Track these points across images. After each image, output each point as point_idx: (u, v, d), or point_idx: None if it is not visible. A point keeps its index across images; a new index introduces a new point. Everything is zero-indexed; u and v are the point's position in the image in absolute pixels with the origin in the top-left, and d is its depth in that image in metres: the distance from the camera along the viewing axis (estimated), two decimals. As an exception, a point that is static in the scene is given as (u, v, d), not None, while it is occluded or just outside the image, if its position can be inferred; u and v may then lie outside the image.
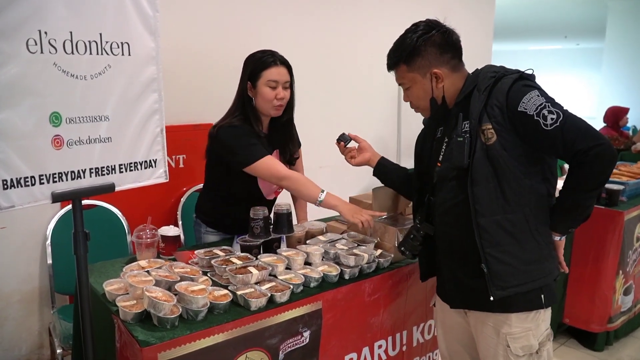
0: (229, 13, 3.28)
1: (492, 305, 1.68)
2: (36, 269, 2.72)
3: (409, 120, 4.55)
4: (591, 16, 10.74)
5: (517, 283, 1.64)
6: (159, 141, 1.82)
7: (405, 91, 1.80)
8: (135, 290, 1.61)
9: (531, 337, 1.71)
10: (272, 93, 2.18)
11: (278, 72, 2.19)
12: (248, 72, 2.22)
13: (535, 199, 1.64)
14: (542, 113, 1.51)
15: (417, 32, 1.70)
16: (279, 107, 2.23)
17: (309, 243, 2.13)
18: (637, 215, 3.32)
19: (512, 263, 1.64)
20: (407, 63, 1.72)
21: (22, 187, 1.45)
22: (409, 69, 1.72)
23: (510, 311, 1.69)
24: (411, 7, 4.39)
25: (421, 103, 1.78)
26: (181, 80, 3.04)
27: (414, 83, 1.74)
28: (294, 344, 1.78)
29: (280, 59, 2.22)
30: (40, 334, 2.78)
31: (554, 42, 16.39)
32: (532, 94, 1.54)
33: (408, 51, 1.70)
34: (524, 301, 1.68)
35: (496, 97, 1.59)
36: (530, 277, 1.66)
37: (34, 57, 1.44)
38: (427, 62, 1.69)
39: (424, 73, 1.71)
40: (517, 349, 1.70)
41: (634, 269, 3.43)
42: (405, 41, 1.72)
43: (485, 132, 1.59)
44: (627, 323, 3.51)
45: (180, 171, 3.10)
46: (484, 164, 1.60)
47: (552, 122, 1.50)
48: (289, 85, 2.25)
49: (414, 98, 1.78)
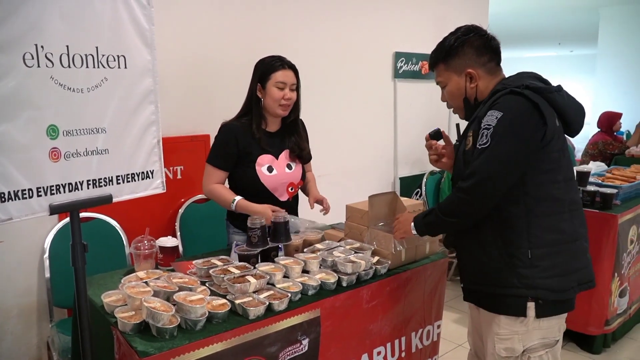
0: (225, 25, 3.31)
1: (487, 304, 1.81)
2: (34, 283, 2.72)
3: (406, 128, 4.58)
4: (584, 23, 10.83)
5: (480, 281, 1.81)
6: (156, 152, 1.84)
7: (442, 90, 1.89)
8: (134, 301, 1.62)
9: (516, 341, 1.76)
10: (280, 93, 2.33)
11: (285, 75, 2.34)
12: (258, 74, 2.38)
13: (501, 216, 1.72)
14: (483, 132, 1.63)
15: (457, 33, 1.81)
16: (285, 107, 2.37)
17: (306, 251, 2.14)
18: (631, 218, 3.35)
19: (478, 261, 1.78)
20: (445, 62, 1.82)
21: (20, 200, 1.46)
22: (446, 68, 1.82)
23: (498, 312, 1.77)
24: (407, 16, 4.44)
25: (455, 102, 1.86)
26: (178, 92, 3.07)
27: (449, 81, 1.83)
28: (293, 352, 1.78)
29: (287, 63, 2.38)
30: (39, 348, 2.77)
31: (548, 49, 16.51)
32: (494, 114, 1.63)
33: (446, 51, 1.80)
34: (509, 305, 1.75)
35: (486, 106, 1.71)
36: (491, 280, 1.76)
37: (31, 70, 1.46)
38: (464, 62, 1.78)
39: (460, 72, 1.80)
40: (501, 350, 1.78)
41: (629, 271, 3.45)
42: (445, 42, 1.83)
43: (467, 138, 1.74)
44: (623, 325, 3.53)
45: (178, 182, 3.12)
46: (461, 168, 1.74)
47: (480, 144, 1.63)
48: (296, 87, 2.40)
49: (449, 96, 1.87)
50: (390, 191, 2.49)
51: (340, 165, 4.07)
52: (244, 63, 2.37)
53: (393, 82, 4.48)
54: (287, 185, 2.44)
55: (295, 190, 2.51)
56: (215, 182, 2.37)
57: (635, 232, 3.42)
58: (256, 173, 2.36)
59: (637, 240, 3.47)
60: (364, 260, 2.00)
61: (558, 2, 8.95)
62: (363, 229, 2.24)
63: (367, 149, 4.41)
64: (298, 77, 2.41)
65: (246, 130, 2.36)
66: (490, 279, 1.76)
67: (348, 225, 2.32)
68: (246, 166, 2.37)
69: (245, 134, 2.36)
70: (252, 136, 2.36)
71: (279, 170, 2.41)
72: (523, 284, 1.70)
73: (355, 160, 4.29)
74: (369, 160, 4.43)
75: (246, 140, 2.35)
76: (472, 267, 1.84)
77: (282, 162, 2.43)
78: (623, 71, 9.09)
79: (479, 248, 1.77)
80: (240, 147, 2.34)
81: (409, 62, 4.53)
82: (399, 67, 4.46)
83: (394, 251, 2.10)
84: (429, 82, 4.75)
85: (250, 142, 2.36)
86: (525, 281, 1.70)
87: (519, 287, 1.71)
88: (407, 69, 4.53)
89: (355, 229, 2.28)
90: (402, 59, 4.46)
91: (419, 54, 4.57)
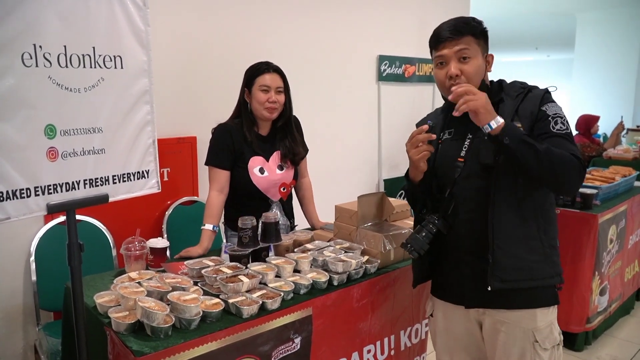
0: (212, 28, 3.32)
1: (517, 302, 1.75)
2: (19, 286, 2.69)
3: (389, 130, 4.63)
4: (561, 28, 11.05)
5: (517, 278, 1.71)
6: (151, 152, 1.85)
7: (461, 62, 1.73)
8: (128, 301, 1.62)
9: (554, 330, 1.80)
10: (264, 96, 2.37)
11: (270, 78, 2.38)
12: (245, 79, 2.44)
13: (547, 202, 1.77)
14: (556, 119, 1.70)
15: (474, 20, 1.78)
16: (271, 110, 2.39)
17: (296, 251, 2.16)
18: (610, 218, 3.43)
19: (516, 258, 1.71)
20: (477, 37, 1.75)
21: (18, 199, 1.46)
22: (477, 43, 1.75)
23: (535, 306, 1.76)
24: (390, 20, 4.49)
25: (476, 78, 1.75)
26: (165, 93, 3.06)
27: (476, 56, 1.74)
28: (285, 350, 1.80)
29: (273, 67, 2.42)
30: (25, 351, 2.74)
31: (525, 53, 16.80)
32: (557, 106, 1.74)
33: (480, 28, 1.76)
34: (545, 297, 1.77)
35: (531, 101, 1.74)
36: (529, 275, 1.72)
37: (29, 70, 1.46)
38: (486, 45, 1.79)
39: (483, 53, 1.78)
40: (545, 343, 1.76)
41: (609, 270, 3.54)
42: (471, 19, 1.77)
43: None
44: (604, 322, 3.61)
45: (164, 184, 3.06)
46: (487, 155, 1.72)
47: (559, 129, 1.68)
48: (282, 90, 2.42)
49: (474, 69, 1.73)
50: (379, 191, 2.53)
51: (325, 168, 4.09)
52: (231, 66, 2.40)
53: (377, 85, 4.53)
54: (279, 185, 2.47)
55: (288, 190, 2.53)
56: (217, 188, 2.39)
57: (614, 232, 3.51)
58: (248, 174, 2.40)
59: (616, 239, 3.56)
60: (354, 259, 2.03)
61: (535, 8, 9.13)
62: (352, 229, 2.27)
63: (351, 151, 4.44)
64: (285, 80, 2.44)
65: (239, 131, 2.41)
66: (526, 273, 1.72)
67: (337, 226, 2.35)
68: (239, 167, 2.40)
69: (238, 134, 2.40)
70: (245, 139, 2.40)
71: (270, 172, 2.44)
72: (556, 272, 1.77)
73: (339, 162, 4.32)
74: (353, 162, 4.47)
75: (239, 141, 2.39)
76: (507, 265, 1.70)
77: (272, 163, 2.46)
78: (600, 75, 9.31)
79: (522, 243, 1.71)
80: (235, 146, 2.38)
81: (392, 66, 4.58)
82: (383, 70, 4.51)
83: (383, 250, 2.13)
84: (413, 85, 4.81)
85: (243, 144, 2.40)
86: (557, 269, 1.77)
87: (553, 275, 1.76)
88: (391, 72, 4.58)
89: (344, 229, 2.31)
90: (385, 62, 4.51)
91: (402, 57, 4.62)
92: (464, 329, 1.90)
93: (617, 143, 5.92)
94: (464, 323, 1.89)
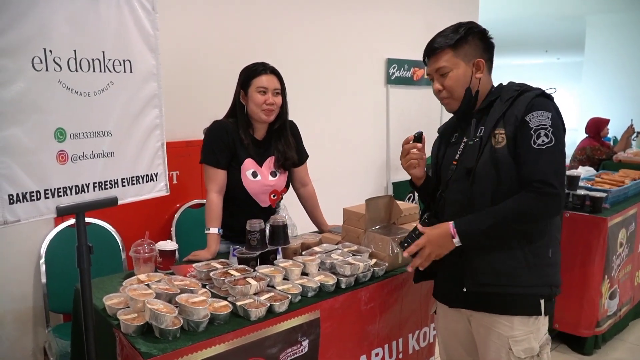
0: (220, 31, 3.34)
1: (495, 307, 1.76)
2: (29, 289, 2.71)
3: (398, 133, 4.63)
4: (571, 31, 11.00)
5: (493, 282, 1.73)
6: (160, 155, 1.86)
7: (441, 78, 1.81)
8: (137, 303, 1.63)
9: (532, 340, 1.76)
10: (261, 98, 2.32)
11: (267, 80, 2.33)
12: (241, 81, 2.38)
13: None
14: (539, 132, 1.64)
15: (462, 25, 1.80)
16: (268, 112, 2.34)
17: (304, 254, 2.17)
18: (620, 221, 3.40)
19: (494, 262, 1.73)
20: (454, 48, 1.78)
21: (28, 202, 1.47)
22: (455, 54, 1.78)
23: (513, 314, 1.75)
24: (398, 23, 4.50)
25: (458, 90, 1.79)
26: (174, 97, 3.07)
27: (456, 67, 1.78)
28: (293, 353, 1.80)
29: (270, 68, 2.37)
30: (35, 353, 2.76)
31: (535, 56, 16.74)
32: (544, 114, 1.66)
33: (457, 38, 1.77)
34: (525, 305, 1.75)
35: (517, 106, 1.71)
36: (508, 280, 1.72)
37: (39, 74, 1.47)
38: (473, 50, 1.79)
39: (468, 60, 1.78)
40: (519, 352, 1.76)
41: (618, 274, 3.51)
42: (452, 29, 1.80)
43: (496, 136, 1.71)
44: (614, 326, 3.58)
45: (173, 187, 3.10)
46: (489, 166, 1.71)
47: (540, 143, 1.63)
48: (279, 92, 2.37)
49: (453, 82, 1.79)
50: (387, 194, 2.52)
51: (334, 170, 4.10)
52: (239, 68, 2.39)
53: (385, 88, 4.54)
54: (269, 192, 2.43)
55: (278, 198, 2.48)
56: (216, 189, 2.35)
57: (624, 235, 3.48)
58: (240, 177, 2.36)
59: (626, 243, 3.53)
60: (361, 262, 2.03)
61: (545, 10, 9.09)
62: (360, 232, 2.27)
63: (360, 154, 4.45)
64: (282, 82, 2.39)
65: (235, 131, 2.36)
66: (504, 279, 1.72)
67: (345, 228, 2.35)
68: (232, 167, 2.37)
69: (234, 133, 2.36)
70: (241, 141, 2.35)
71: (263, 177, 2.40)
72: (543, 282, 1.73)
73: (348, 165, 4.33)
74: (362, 165, 4.48)
75: (235, 141, 2.35)
76: (484, 268, 1.74)
77: (266, 169, 2.41)
78: (610, 78, 9.23)
79: (501, 249, 1.72)
80: (232, 145, 2.35)
81: (401, 69, 4.59)
82: (392, 74, 4.52)
83: (391, 253, 2.13)
84: (421, 89, 4.81)
85: (238, 144, 2.36)
86: (545, 279, 1.74)
87: (539, 285, 1.73)
88: (399, 75, 4.59)
89: (352, 232, 2.31)
90: (394, 65, 4.52)
91: (410, 61, 4.63)
92: (459, 326, 1.96)
93: (627, 146, 5.88)
94: (459, 321, 1.95)
